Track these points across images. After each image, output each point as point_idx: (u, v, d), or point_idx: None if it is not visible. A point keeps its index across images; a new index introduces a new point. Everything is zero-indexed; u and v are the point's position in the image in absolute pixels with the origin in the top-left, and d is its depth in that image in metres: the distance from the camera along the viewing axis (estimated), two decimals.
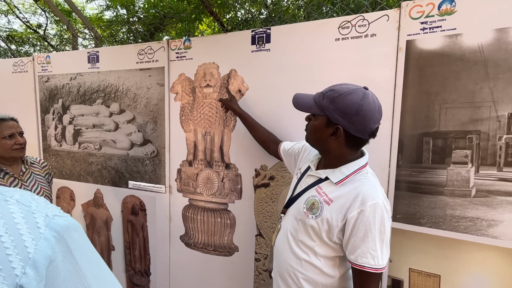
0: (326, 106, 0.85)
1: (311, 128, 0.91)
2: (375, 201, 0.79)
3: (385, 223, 0.80)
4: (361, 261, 0.80)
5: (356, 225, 0.80)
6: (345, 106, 0.82)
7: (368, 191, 0.81)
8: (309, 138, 0.95)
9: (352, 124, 0.82)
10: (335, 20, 1.27)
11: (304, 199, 0.92)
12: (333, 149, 0.89)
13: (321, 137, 0.88)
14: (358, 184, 0.84)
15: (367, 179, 0.86)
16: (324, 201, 0.86)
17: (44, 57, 2.02)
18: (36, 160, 1.56)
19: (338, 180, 0.87)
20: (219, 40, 1.52)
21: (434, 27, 1.10)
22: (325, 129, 0.87)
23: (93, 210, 2.03)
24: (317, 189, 0.90)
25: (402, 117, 1.19)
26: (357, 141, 0.87)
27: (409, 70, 1.16)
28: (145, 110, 1.75)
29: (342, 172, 0.88)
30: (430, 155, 1.15)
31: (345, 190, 0.85)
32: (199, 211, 1.68)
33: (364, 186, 0.83)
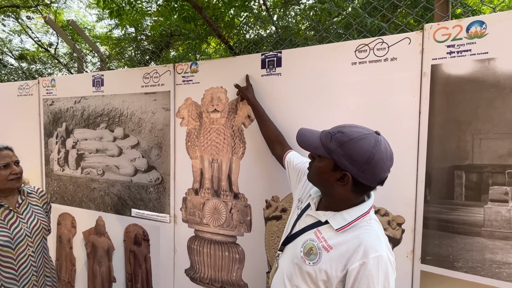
0: (334, 149, 0.77)
1: (316, 169, 0.83)
2: (378, 253, 0.72)
3: (390, 278, 0.72)
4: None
5: (357, 278, 0.72)
6: (355, 153, 0.74)
7: (372, 242, 0.74)
8: (312, 179, 0.87)
9: (361, 172, 0.75)
10: (351, 43, 1.19)
11: (301, 242, 0.85)
12: (337, 193, 0.81)
13: (326, 180, 0.81)
14: (360, 232, 0.77)
15: (370, 226, 0.79)
16: (322, 247, 0.79)
17: (49, 80, 1.99)
18: (33, 189, 1.48)
19: (340, 226, 0.79)
20: (227, 64, 1.45)
21: (462, 51, 1.01)
22: (331, 173, 0.79)
23: (94, 239, 1.93)
24: (316, 233, 0.83)
25: (429, 147, 1.08)
26: (364, 188, 0.79)
27: (436, 97, 1.06)
28: (149, 135, 1.67)
29: (344, 218, 0.80)
30: (463, 190, 1.03)
31: (346, 237, 0.77)
32: (206, 243, 1.56)
33: (367, 235, 0.76)
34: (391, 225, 1.17)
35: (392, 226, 1.17)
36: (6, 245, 1.24)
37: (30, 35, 6.18)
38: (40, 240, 1.38)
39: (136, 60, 4.95)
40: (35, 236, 1.35)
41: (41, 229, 1.39)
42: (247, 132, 1.42)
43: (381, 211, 1.18)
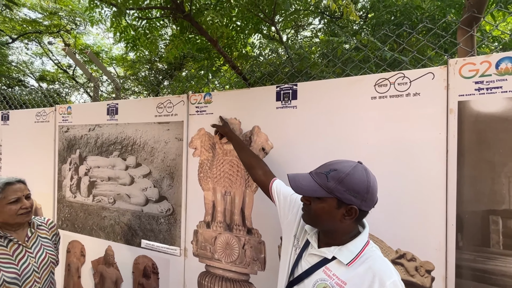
0: (335, 187, 0.78)
1: (318, 211, 0.82)
2: (392, 279, 0.74)
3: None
4: None
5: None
6: (356, 186, 0.78)
7: (383, 268, 0.76)
8: (313, 221, 0.86)
9: (364, 202, 0.79)
10: (370, 77, 1.15)
11: (311, 284, 0.82)
12: (342, 228, 0.82)
13: (332, 218, 0.81)
14: (370, 262, 0.78)
15: (376, 254, 0.81)
16: (336, 284, 0.78)
17: (65, 108, 2.03)
18: (43, 220, 1.46)
19: (350, 260, 0.79)
20: (242, 95, 1.43)
21: (492, 88, 0.95)
22: (336, 211, 0.80)
23: (103, 269, 1.88)
24: (325, 271, 0.81)
25: (459, 189, 1.00)
26: (364, 215, 0.83)
27: (464, 135, 0.99)
28: (162, 165, 1.65)
29: (351, 250, 0.81)
30: (501, 238, 0.94)
31: (357, 270, 0.78)
32: (217, 280, 1.49)
33: (378, 264, 0.77)
34: (419, 271, 1.07)
35: (420, 272, 1.07)
36: (13, 282, 1.21)
37: (50, 58, 6.48)
38: (48, 275, 1.34)
39: (150, 81, 5.07)
40: (43, 271, 1.32)
41: (49, 263, 1.36)
42: None
43: (407, 255, 1.09)
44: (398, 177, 1.09)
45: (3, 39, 5.77)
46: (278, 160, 1.33)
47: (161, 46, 4.81)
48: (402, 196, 1.09)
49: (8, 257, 1.24)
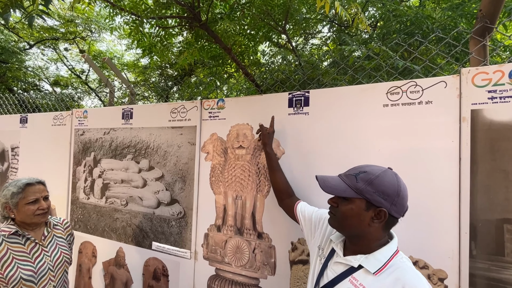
0: (364, 188, 0.77)
1: (346, 213, 0.80)
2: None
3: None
4: None
5: None
6: (386, 188, 0.76)
7: (414, 281, 0.72)
8: (340, 224, 0.83)
9: (394, 206, 0.76)
10: (382, 85, 1.17)
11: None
12: (370, 233, 0.80)
13: (360, 222, 0.78)
14: (400, 273, 0.74)
15: (406, 265, 0.77)
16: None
17: (82, 111, 2.10)
18: (59, 220, 1.50)
19: (377, 269, 0.76)
20: (254, 101, 1.46)
21: (506, 97, 0.96)
22: (365, 213, 0.78)
23: (113, 270, 1.91)
24: (352, 280, 0.78)
25: (473, 197, 1.00)
26: (394, 222, 0.80)
27: (478, 143, 1.00)
28: (174, 169, 1.69)
29: (378, 259, 0.78)
30: None
31: (386, 281, 0.74)
32: (227, 284, 1.50)
33: (408, 275, 0.74)
34: (431, 279, 1.07)
35: (432, 280, 1.06)
36: (29, 280, 1.24)
37: (65, 63, 6.68)
38: (62, 274, 1.38)
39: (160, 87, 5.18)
40: (57, 270, 1.35)
41: (64, 262, 1.39)
42: None
43: (419, 263, 1.08)
44: (411, 185, 1.09)
45: (21, 45, 6.00)
46: (290, 166, 1.35)
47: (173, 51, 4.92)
48: (414, 203, 1.09)
49: (25, 255, 1.28)
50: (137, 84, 5.29)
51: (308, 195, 1.27)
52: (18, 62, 5.63)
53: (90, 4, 1.55)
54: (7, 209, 1.29)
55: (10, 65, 5.44)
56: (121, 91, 5.95)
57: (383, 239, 0.81)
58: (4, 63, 5.35)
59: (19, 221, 1.30)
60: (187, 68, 2.13)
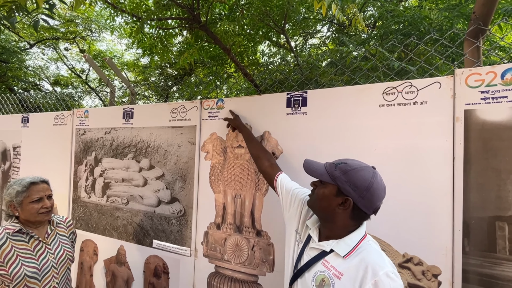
0: (338, 176, 0.86)
1: (319, 195, 0.89)
2: (385, 270, 0.78)
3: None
4: None
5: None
6: (357, 180, 0.83)
7: (376, 260, 0.80)
8: (313, 204, 0.93)
9: (361, 198, 0.83)
10: (378, 86, 1.19)
11: (311, 275, 0.87)
12: (337, 219, 0.87)
13: (328, 206, 0.87)
14: (364, 254, 0.82)
15: (371, 247, 0.85)
16: (334, 276, 0.83)
17: (83, 111, 2.12)
18: (62, 219, 1.53)
19: (346, 253, 0.84)
20: (253, 101, 1.49)
21: (498, 97, 0.98)
22: (334, 198, 0.86)
23: (115, 268, 1.94)
24: (324, 263, 0.86)
25: (466, 195, 1.02)
26: (361, 215, 0.87)
27: (471, 143, 1.02)
28: (174, 168, 1.71)
29: (347, 243, 0.86)
30: (507, 244, 0.96)
31: (353, 262, 0.82)
32: (226, 281, 1.53)
33: (372, 256, 0.82)
34: (425, 275, 1.09)
35: (427, 277, 1.09)
36: (33, 277, 1.27)
37: (65, 63, 6.70)
38: (65, 272, 1.40)
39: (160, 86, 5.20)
40: (60, 267, 1.37)
41: (66, 260, 1.42)
42: None
43: (414, 259, 1.11)
44: (406, 183, 1.13)
45: (21, 45, 6.01)
46: (288, 165, 1.38)
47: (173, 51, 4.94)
48: (409, 201, 1.12)
49: (29, 253, 1.31)
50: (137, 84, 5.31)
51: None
52: (18, 61, 5.65)
53: (91, 5, 1.57)
54: (12, 207, 1.31)
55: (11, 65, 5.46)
56: (122, 90, 5.97)
57: (350, 228, 0.88)
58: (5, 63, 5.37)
59: (23, 219, 1.32)
60: (187, 68, 2.15)
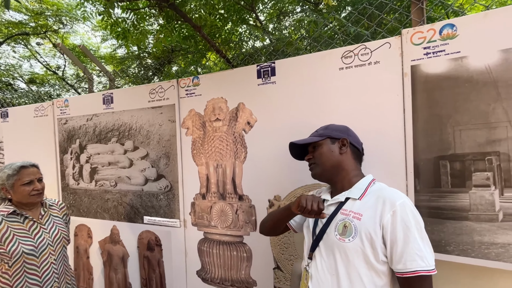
0: (324, 132, 1.02)
1: (321, 153, 0.99)
2: (402, 200, 0.84)
3: (419, 220, 0.83)
4: (411, 266, 0.79)
5: (393, 228, 0.81)
6: (337, 127, 1.04)
7: (392, 193, 0.87)
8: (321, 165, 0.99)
9: (350, 136, 1.00)
10: (337, 51, 1.30)
11: (332, 228, 0.90)
12: (345, 164, 0.97)
13: (332, 156, 0.97)
14: (379, 192, 0.89)
15: (383, 185, 0.94)
16: (354, 218, 0.87)
17: (62, 101, 2.15)
18: (54, 202, 1.60)
19: (360, 194, 0.91)
20: (226, 76, 1.57)
21: (437, 52, 1.11)
22: (333, 146, 0.98)
23: (109, 247, 2.03)
24: (342, 212, 0.91)
25: (415, 141, 1.17)
26: (358, 153, 1.01)
27: (417, 95, 1.15)
28: (157, 146, 1.79)
29: (359, 188, 0.93)
30: (449, 178, 1.11)
31: (370, 201, 0.88)
32: (215, 244, 1.65)
33: (386, 191, 0.89)
34: None
35: None
36: (31, 253, 1.35)
37: (38, 60, 6.48)
38: (61, 249, 1.49)
39: (140, 76, 5.15)
40: (57, 245, 1.46)
41: (62, 238, 1.50)
42: (247, 137, 1.53)
43: None
44: (365, 136, 1.24)
45: None
46: (262, 132, 1.49)
47: (149, 41, 4.88)
48: (369, 152, 1.24)
49: (25, 232, 1.38)
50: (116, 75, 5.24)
51: (280, 155, 1.41)
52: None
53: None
54: (4, 190, 1.37)
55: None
56: (101, 84, 5.87)
57: (358, 172, 0.98)
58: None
59: (16, 201, 1.39)
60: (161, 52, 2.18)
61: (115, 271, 2.02)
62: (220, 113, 1.59)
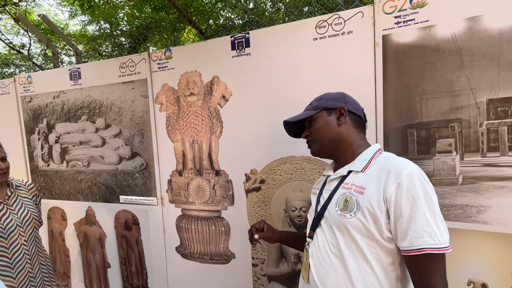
0: (318, 103, 0.92)
1: (318, 128, 0.89)
2: (409, 169, 0.72)
3: (429, 192, 0.72)
4: (417, 243, 0.68)
5: (398, 202, 0.71)
6: (333, 95, 0.92)
7: (399, 162, 0.76)
8: (319, 140, 0.90)
9: (347, 103, 0.89)
10: (311, 20, 1.28)
11: (334, 203, 0.82)
12: (346, 136, 0.87)
13: (331, 129, 0.87)
14: (383, 163, 0.78)
15: (390, 154, 0.84)
16: (356, 192, 0.78)
17: (25, 77, 2.00)
18: (22, 182, 1.52)
19: (363, 167, 0.81)
20: (200, 48, 1.52)
21: (407, 21, 1.12)
22: (330, 118, 0.88)
23: (86, 229, 1.99)
24: (344, 186, 0.83)
25: (385, 110, 1.19)
26: (359, 120, 0.91)
27: (388, 64, 1.17)
28: (131, 123, 1.73)
29: (362, 159, 0.83)
30: (416, 146, 1.16)
31: (373, 173, 0.78)
32: (193, 220, 1.66)
33: (392, 161, 0.77)
34: None
35: None
36: None
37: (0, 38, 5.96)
38: (32, 230, 1.43)
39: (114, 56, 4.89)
40: (27, 226, 1.40)
41: (32, 219, 1.44)
42: (223, 112, 1.51)
43: None
44: None
45: None
46: (238, 106, 1.47)
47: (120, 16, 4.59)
48: None
49: None
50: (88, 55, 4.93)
51: (257, 128, 1.41)
52: None
53: None
54: None
55: None
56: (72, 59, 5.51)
57: (361, 142, 0.87)
58: None
59: None
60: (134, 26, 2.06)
61: (92, 252, 1.99)
62: (194, 87, 1.54)
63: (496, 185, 1.06)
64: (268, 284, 1.52)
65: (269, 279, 1.51)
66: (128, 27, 4.49)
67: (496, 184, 1.06)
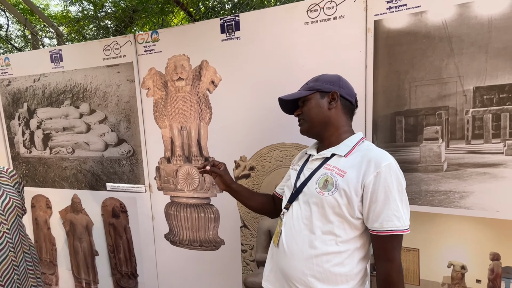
0: (313, 84, 0.94)
1: (309, 108, 0.94)
2: (388, 161, 0.82)
3: (402, 182, 0.82)
4: (387, 226, 0.80)
5: (375, 189, 0.80)
6: (328, 78, 0.95)
7: (379, 154, 0.85)
8: (309, 120, 0.94)
9: (341, 88, 0.92)
10: (303, 4, 1.25)
11: (314, 181, 0.89)
12: (334, 120, 0.92)
13: (321, 111, 0.92)
14: (366, 151, 0.86)
15: (371, 145, 0.92)
16: (337, 174, 0.85)
17: (2, 59, 1.89)
18: (3, 169, 1.46)
19: (346, 152, 0.88)
20: (188, 31, 1.46)
21: (399, 6, 1.10)
22: (322, 101, 0.92)
23: (72, 217, 1.95)
24: (326, 167, 0.89)
25: (375, 97, 1.19)
26: (349, 106, 0.95)
27: (379, 51, 1.16)
28: (116, 109, 1.68)
29: (347, 145, 0.90)
30: (403, 133, 1.17)
31: (355, 159, 0.85)
32: (182, 207, 1.65)
33: (373, 152, 0.86)
34: None
35: None
36: None
37: None
38: (15, 218, 1.39)
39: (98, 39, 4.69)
40: (9, 214, 1.36)
41: (15, 207, 1.39)
42: (212, 97, 1.47)
43: None
44: None
45: None
46: (227, 91, 1.44)
47: None
48: None
49: None
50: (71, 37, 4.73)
51: (247, 114, 1.39)
52: None
53: None
54: None
55: None
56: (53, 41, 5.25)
57: (347, 129, 0.93)
58: None
59: None
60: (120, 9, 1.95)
61: (79, 240, 1.96)
62: (182, 72, 1.50)
63: (478, 171, 1.09)
64: (257, 269, 1.54)
65: (258, 264, 1.53)
66: (113, 9, 4.30)
67: (479, 171, 1.09)
